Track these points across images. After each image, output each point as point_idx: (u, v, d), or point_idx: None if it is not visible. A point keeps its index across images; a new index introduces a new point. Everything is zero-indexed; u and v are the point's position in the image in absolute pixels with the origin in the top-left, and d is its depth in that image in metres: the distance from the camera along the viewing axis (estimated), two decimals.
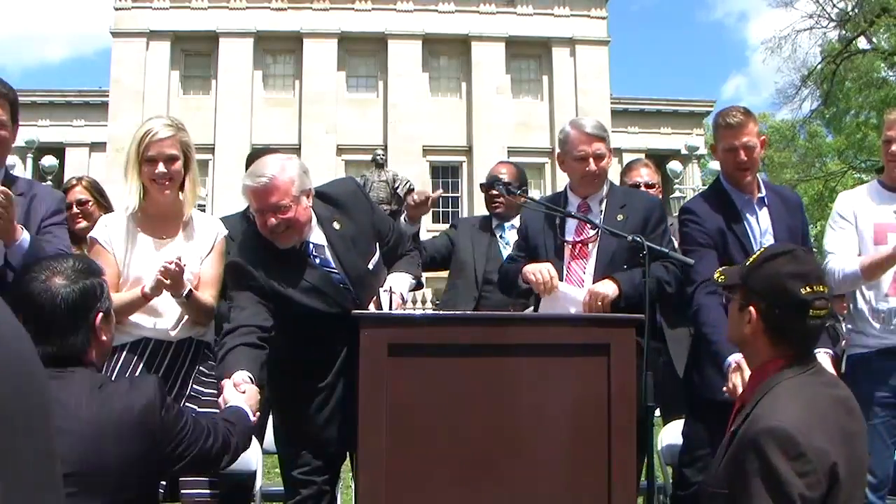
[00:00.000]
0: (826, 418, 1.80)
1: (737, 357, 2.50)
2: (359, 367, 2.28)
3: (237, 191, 2.85)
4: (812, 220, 21.81)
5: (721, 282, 2.09)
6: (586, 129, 2.98)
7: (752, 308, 1.93)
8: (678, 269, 2.90)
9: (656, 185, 4.04)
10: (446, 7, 27.91)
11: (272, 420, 2.93)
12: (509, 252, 3.46)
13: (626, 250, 2.80)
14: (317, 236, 2.70)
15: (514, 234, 3.59)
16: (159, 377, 1.99)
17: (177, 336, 2.66)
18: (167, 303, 2.62)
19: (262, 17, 27.30)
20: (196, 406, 2.59)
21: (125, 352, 2.60)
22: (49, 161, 21.06)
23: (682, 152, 27.52)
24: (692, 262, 2.79)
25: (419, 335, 2.36)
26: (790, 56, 23.64)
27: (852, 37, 21.82)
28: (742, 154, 2.93)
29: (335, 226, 2.72)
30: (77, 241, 3.20)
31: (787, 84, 23.57)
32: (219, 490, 2.58)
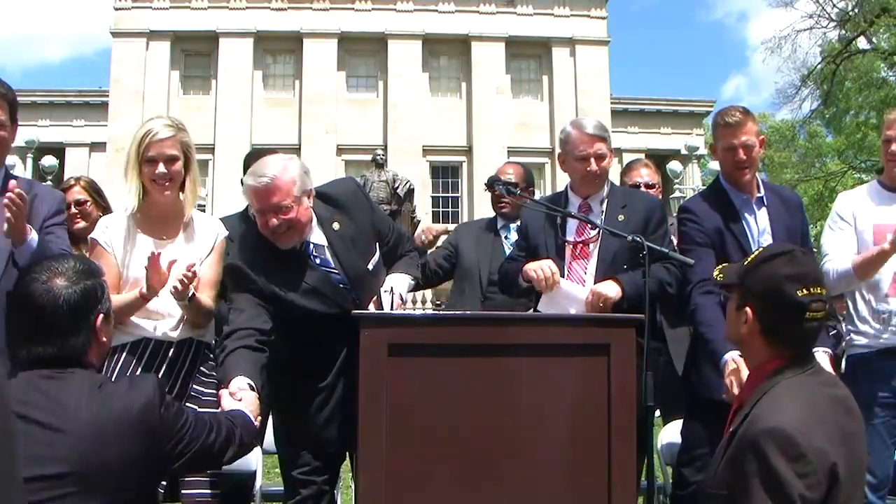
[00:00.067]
0: (825, 418, 1.79)
1: (733, 355, 2.51)
2: (359, 367, 2.28)
3: (237, 191, 2.85)
4: (812, 220, 21.77)
5: (720, 280, 2.09)
6: (587, 130, 2.99)
7: (749, 309, 1.93)
8: (679, 269, 2.91)
9: (656, 186, 4.04)
10: (446, 7, 27.93)
11: (272, 420, 2.93)
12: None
13: (628, 251, 2.80)
14: (317, 236, 2.70)
15: None
16: (158, 376, 1.99)
17: (177, 336, 2.66)
18: (167, 303, 2.62)
19: (262, 17, 27.32)
20: (196, 406, 2.59)
21: (125, 352, 2.60)
22: (49, 161, 21.09)
23: (682, 152, 27.55)
24: (692, 262, 2.80)
25: (419, 335, 2.36)
26: (790, 56, 23.69)
27: (852, 37, 21.83)
28: (741, 153, 2.93)
29: (335, 226, 2.72)
30: (75, 242, 3.19)
31: (786, 84, 23.64)
32: (219, 490, 2.59)
